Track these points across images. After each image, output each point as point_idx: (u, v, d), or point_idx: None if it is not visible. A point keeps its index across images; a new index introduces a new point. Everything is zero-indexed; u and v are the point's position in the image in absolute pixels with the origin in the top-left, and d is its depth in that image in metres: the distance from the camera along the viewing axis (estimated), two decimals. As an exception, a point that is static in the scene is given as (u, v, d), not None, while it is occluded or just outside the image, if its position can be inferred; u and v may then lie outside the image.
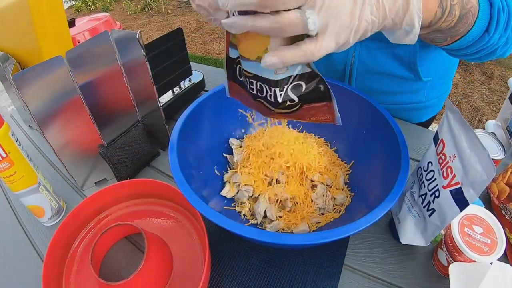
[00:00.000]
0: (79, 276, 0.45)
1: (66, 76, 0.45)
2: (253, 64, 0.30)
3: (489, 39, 0.37)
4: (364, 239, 0.47)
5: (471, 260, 0.37)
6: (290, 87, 0.30)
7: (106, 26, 1.61)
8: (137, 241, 0.49)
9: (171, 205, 0.51)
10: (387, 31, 0.31)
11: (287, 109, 0.32)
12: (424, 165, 0.41)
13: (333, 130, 0.57)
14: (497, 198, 0.47)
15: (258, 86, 0.31)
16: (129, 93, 0.55)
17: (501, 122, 0.66)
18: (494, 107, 1.94)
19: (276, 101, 0.31)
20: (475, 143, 0.32)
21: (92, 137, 0.53)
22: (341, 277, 0.43)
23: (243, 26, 0.25)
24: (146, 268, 0.38)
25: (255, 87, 0.32)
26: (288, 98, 0.31)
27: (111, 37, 0.48)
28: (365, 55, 0.59)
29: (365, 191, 0.48)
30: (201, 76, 0.77)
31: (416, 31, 0.29)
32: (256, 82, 0.31)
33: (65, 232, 0.45)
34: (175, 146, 0.42)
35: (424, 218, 0.40)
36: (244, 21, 0.25)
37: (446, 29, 0.35)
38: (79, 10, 4.09)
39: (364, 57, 0.60)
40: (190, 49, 2.84)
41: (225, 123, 0.56)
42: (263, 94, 0.31)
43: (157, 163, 0.64)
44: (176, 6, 3.84)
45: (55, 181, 0.61)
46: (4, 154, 0.43)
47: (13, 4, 0.52)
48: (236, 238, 0.47)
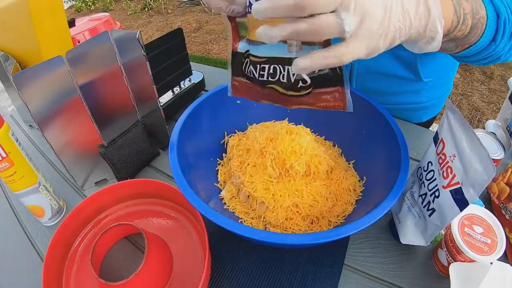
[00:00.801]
0: (79, 276, 0.45)
1: (66, 76, 0.45)
2: (268, 46, 0.31)
3: (495, 47, 0.39)
4: (364, 239, 0.47)
5: (471, 260, 0.37)
6: None
7: (106, 26, 1.61)
8: (137, 241, 0.49)
9: (171, 205, 0.51)
10: (411, 43, 0.32)
11: (298, 91, 0.32)
12: (424, 165, 0.41)
13: (333, 130, 0.57)
14: (497, 198, 0.47)
15: (270, 70, 0.32)
16: (129, 93, 0.55)
17: (501, 122, 0.66)
18: (494, 107, 1.94)
19: (289, 81, 0.31)
20: (475, 143, 0.32)
21: (92, 137, 0.53)
22: (341, 277, 0.43)
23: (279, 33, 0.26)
24: (146, 268, 0.38)
25: (266, 72, 0.32)
26: (301, 78, 0.31)
27: (111, 37, 0.48)
28: None
29: (365, 191, 0.48)
30: (201, 76, 0.77)
31: (440, 37, 0.30)
32: (269, 65, 0.32)
33: (65, 232, 0.45)
34: (175, 146, 0.42)
35: (424, 218, 0.40)
36: (284, 26, 0.25)
37: (459, 38, 0.37)
38: (79, 10, 4.09)
39: None
40: (190, 49, 2.84)
41: (225, 123, 0.56)
42: (276, 77, 0.32)
43: (157, 163, 0.64)
44: (176, 6, 3.84)
45: (55, 181, 0.61)
46: (4, 154, 0.43)
47: (13, 4, 0.52)
48: (236, 238, 0.47)
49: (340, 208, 0.46)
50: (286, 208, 0.44)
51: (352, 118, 0.53)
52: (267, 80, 0.33)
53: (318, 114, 0.57)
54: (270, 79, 0.33)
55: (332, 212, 0.46)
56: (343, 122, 0.54)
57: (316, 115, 0.57)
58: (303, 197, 0.45)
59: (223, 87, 0.52)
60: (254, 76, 0.34)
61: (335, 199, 0.47)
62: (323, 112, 0.59)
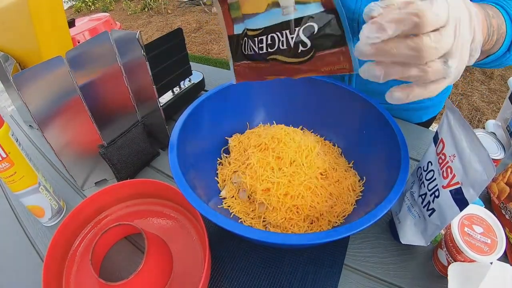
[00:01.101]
0: (79, 276, 0.45)
1: (66, 76, 0.45)
2: (262, 16, 0.31)
3: (509, 55, 0.42)
4: (364, 239, 0.47)
5: (471, 260, 0.37)
6: (301, 29, 0.30)
7: (106, 26, 1.61)
8: (137, 241, 0.49)
9: (171, 205, 0.51)
10: None
11: (300, 57, 0.31)
12: (424, 165, 0.41)
13: (333, 130, 0.57)
14: (497, 197, 0.47)
15: (269, 40, 0.32)
16: (129, 93, 0.55)
17: (501, 122, 0.66)
18: (494, 107, 1.94)
19: (289, 46, 0.31)
20: (475, 143, 0.32)
21: (92, 137, 0.53)
22: (341, 277, 0.43)
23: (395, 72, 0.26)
24: (146, 268, 0.38)
25: (265, 43, 0.32)
26: (300, 41, 0.30)
27: (111, 37, 0.48)
28: None
29: (365, 191, 0.48)
30: (201, 76, 0.77)
31: (478, 53, 0.30)
32: (267, 36, 0.32)
33: (65, 232, 0.45)
34: (175, 146, 0.42)
35: (424, 218, 0.40)
36: (394, 69, 0.26)
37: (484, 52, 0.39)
38: (79, 10, 4.09)
39: None
40: (190, 49, 2.84)
41: (225, 123, 0.56)
42: (275, 47, 0.32)
43: (157, 163, 0.64)
44: (176, 6, 3.85)
45: (55, 181, 0.61)
46: (4, 154, 0.43)
47: (13, 4, 0.52)
48: (236, 238, 0.47)
49: (340, 208, 0.46)
50: (286, 208, 0.44)
51: (352, 118, 0.53)
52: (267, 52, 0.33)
53: (318, 114, 0.57)
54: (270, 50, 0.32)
55: (332, 212, 0.46)
56: (343, 122, 0.54)
57: (316, 115, 0.57)
58: (303, 197, 0.45)
59: (223, 87, 0.52)
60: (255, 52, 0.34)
61: (335, 199, 0.47)
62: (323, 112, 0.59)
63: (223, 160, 0.55)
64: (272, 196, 0.45)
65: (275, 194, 0.45)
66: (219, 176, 0.53)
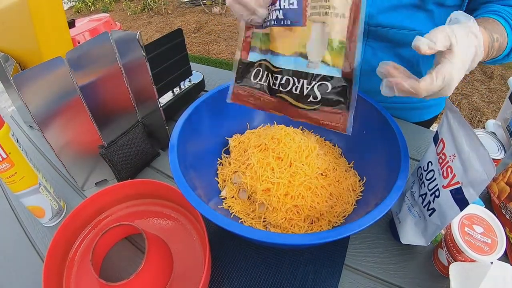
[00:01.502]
0: (80, 277, 0.45)
1: (66, 77, 0.45)
2: (286, 58, 0.34)
3: (508, 58, 0.45)
4: (364, 239, 0.47)
5: (472, 260, 0.37)
6: (317, 84, 0.34)
7: (106, 27, 1.61)
8: (138, 242, 0.49)
9: (171, 206, 0.51)
10: None
11: (307, 105, 0.34)
12: (424, 165, 0.41)
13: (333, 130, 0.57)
14: (498, 197, 0.47)
15: (283, 80, 0.35)
16: (129, 93, 0.55)
17: (501, 121, 0.66)
18: (494, 107, 1.94)
19: (302, 93, 0.34)
20: (475, 143, 0.32)
21: (92, 137, 0.53)
22: (341, 277, 0.43)
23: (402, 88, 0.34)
24: (147, 269, 0.38)
25: (278, 81, 0.35)
26: (312, 94, 0.34)
27: (111, 38, 0.48)
28: (370, 55, 0.59)
29: (365, 191, 0.48)
30: (201, 76, 0.77)
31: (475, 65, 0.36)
32: (282, 76, 0.35)
33: (65, 232, 0.45)
34: (175, 147, 0.42)
35: (424, 218, 0.40)
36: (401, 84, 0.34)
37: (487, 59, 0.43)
38: (79, 11, 4.10)
39: (369, 57, 0.60)
40: (190, 50, 2.84)
41: (225, 123, 0.56)
42: (288, 87, 0.35)
43: (157, 163, 0.64)
44: (176, 7, 3.85)
45: (56, 181, 0.61)
46: (4, 155, 0.43)
47: (13, 4, 0.52)
48: (236, 238, 0.47)
49: (340, 208, 0.46)
50: (286, 208, 0.44)
51: (352, 118, 0.53)
52: (277, 89, 0.36)
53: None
54: (281, 89, 0.35)
55: (332, 212, 0.46)
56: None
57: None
58: (303, 197, 0.45)
59: (223, 88, 0.52)
60: (265, 84, 0.36)
61: (335, 199, 0.47)
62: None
63: (223, 160, 0.55)
64: (272, 196, 0.45)
65: (275, 195, 0.45)
66: (219, 176, 0.53)
